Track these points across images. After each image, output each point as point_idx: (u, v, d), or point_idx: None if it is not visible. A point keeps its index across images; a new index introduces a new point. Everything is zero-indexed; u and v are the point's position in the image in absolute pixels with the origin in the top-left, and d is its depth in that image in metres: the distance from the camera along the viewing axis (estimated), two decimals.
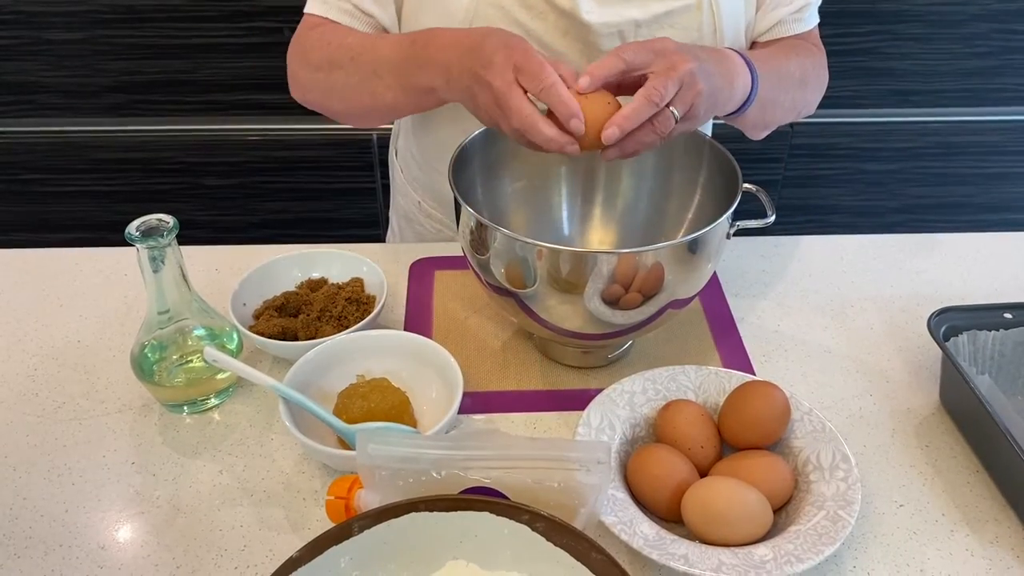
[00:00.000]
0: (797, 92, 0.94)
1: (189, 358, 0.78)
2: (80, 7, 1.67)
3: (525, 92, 0.71)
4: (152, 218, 0.72)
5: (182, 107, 1.81)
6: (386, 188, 1.89)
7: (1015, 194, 2.02)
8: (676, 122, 0.72)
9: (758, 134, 0.95)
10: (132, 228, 0.71)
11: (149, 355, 0.76)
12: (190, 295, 0.76)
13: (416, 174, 1.08)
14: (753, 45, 0.97)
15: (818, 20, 0.98)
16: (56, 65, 1.74)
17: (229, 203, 1.92)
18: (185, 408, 0.78)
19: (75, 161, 1.84)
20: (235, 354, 0.78)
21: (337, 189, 1.91)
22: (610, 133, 0.70)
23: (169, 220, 0.72)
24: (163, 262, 0.72)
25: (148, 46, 1.73)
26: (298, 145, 1.85)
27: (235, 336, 0.80)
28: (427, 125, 1.01)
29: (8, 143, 1.82)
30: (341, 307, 0.83)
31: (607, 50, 0.86)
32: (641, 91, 0.70)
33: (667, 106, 0.71)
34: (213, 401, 0.78)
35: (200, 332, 0.78)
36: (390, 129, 1.83)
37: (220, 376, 0.77)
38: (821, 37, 1.01)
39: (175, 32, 1.71)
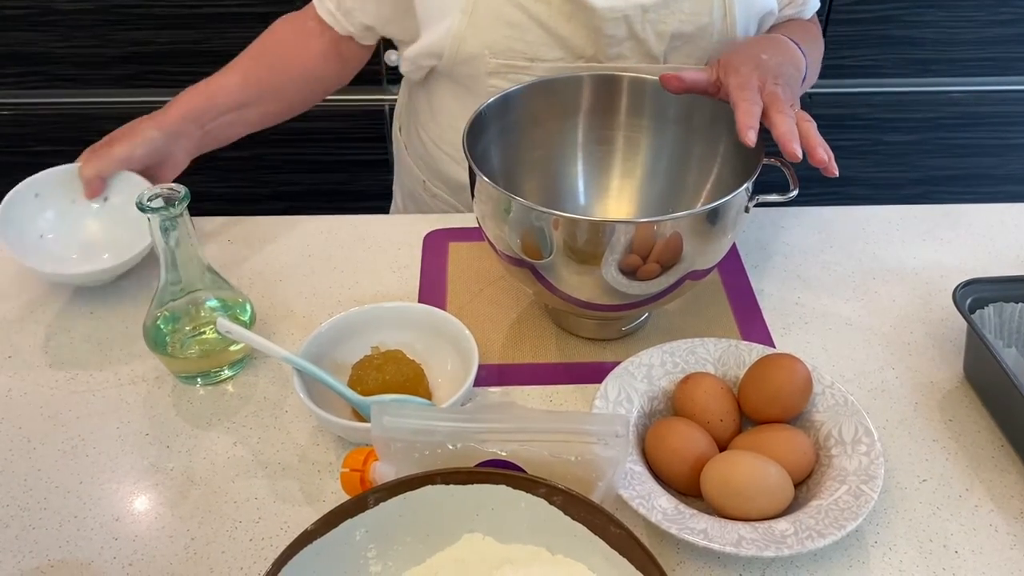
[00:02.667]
0: (813, 75, 0.96)
1: (202, 329, 0.77)
2: None
3: None
4: (164, 187, 0.71)
5: (194, 78, 1.78)
6: None
7: None
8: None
9: None
10: (143, 197, 0.70)
11: (162, 327, 0.76)
12: (203, 266, 0.75)
13: (420, 153, 1.06)
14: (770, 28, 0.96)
15: (819, 4, 1.01)
16: (66, 36, 1.73)
17: (241, 175, 1.91)
18: (199, 380, 0.77)
19: (86, 132, 1.81)
20: (248, 325, 0.78)
21: (350, 161, 1.90)
22: (820, 155, 0.72)
23: (180, 189, 0.71)
24: (175, 232, 0.71)
25: (159, 16, 1.71)
26: (311, 117, 1.81)
27: (248, 307, 0.79)
28: (432, 104, 0.99)
29: (19, 114, 1.81)
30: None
31: (612, 35, 0.86)
32: (776, 113, 0.73)
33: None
34: (227, 373, 0.78)
35: (213, 303, 0.77)
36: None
37: (233, 348, 0.77)
38: (840, 7, 1.02)
39: (186, 2, 1.70)
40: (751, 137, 0.72)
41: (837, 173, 0.72)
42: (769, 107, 0.73)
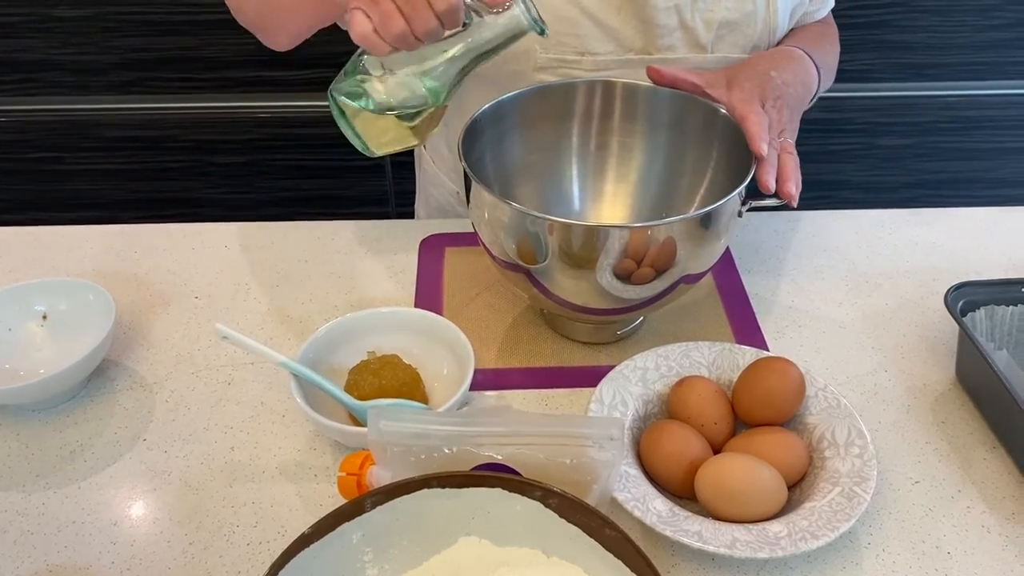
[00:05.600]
0: (827, 83, 0.97)
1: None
2: None
3: None
4: None
5: (191, 84, 1.80)
6: (396, 165, 1.90)
7: None
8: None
9: None
10: None
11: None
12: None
13: (452, 164, 1.06)
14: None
15: (834, 3, 1.01)
16: (64, 43, 1.73)
17: (239, 180, 1.92)
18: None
19: (84, 139, 1.84)
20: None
21: (346, 167, 1.90)
22: (790, 189, 0.76)
23: None
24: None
25: (157, 23, 1.71)
26: (307, 122, 1.84)
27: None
28: (464, 112, 1.00)
29: (18, 121, 1.81)
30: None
31: (664, 25, 0.87)
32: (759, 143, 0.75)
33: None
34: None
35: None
36: None
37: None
38: (834, 11, 1.02)
39: (184, 8, 1.70)
40: (763, 148, 0.74)
41: (795, 205, 0.77)
42: None
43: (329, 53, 1.73)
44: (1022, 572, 0.64)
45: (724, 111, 0.80)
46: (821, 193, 1.99)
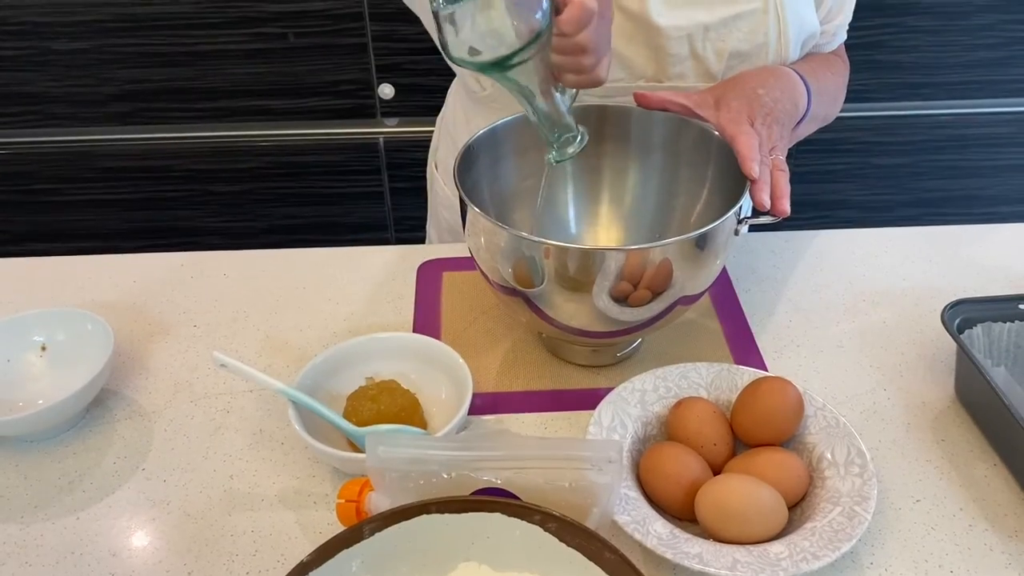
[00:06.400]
0: (830, 108, 0.98)
1: None
2: (85, 17, 1.69)
3: None
4: None
5: (189, 114, 1.82)
6: (393, 192, 1.91)
7: None
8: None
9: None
10: None
11: None
12: None
13: None
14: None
15: (846, 37, 1.02)
16: (63, 75, 1.75)
17: (237, 209, 1.93)
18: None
19: (84, 170, 1.85)
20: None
21: (344, 193, 1.92)
22: (784, 206, 0.75)
23: None
24: None
25: (154, 54, 1.74)
26: (305, 150, 1.86)
27: None
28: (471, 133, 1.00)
29: (18, 153, 1.83)
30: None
31: (675, 54, 0.88)
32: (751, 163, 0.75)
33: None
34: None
35: None
36: (396, 132, 1.85)
37: None
38: None
39: (181, 39, 1.72)
40: (755, 169, 0.74)
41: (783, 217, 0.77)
42: None
43: (326, 82, 1.76)
44: None
45: (716, 132, 0.81)
46: (821, 213, 2.00)
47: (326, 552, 0.56)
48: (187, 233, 1.92)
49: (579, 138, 0.73)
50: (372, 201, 1.93)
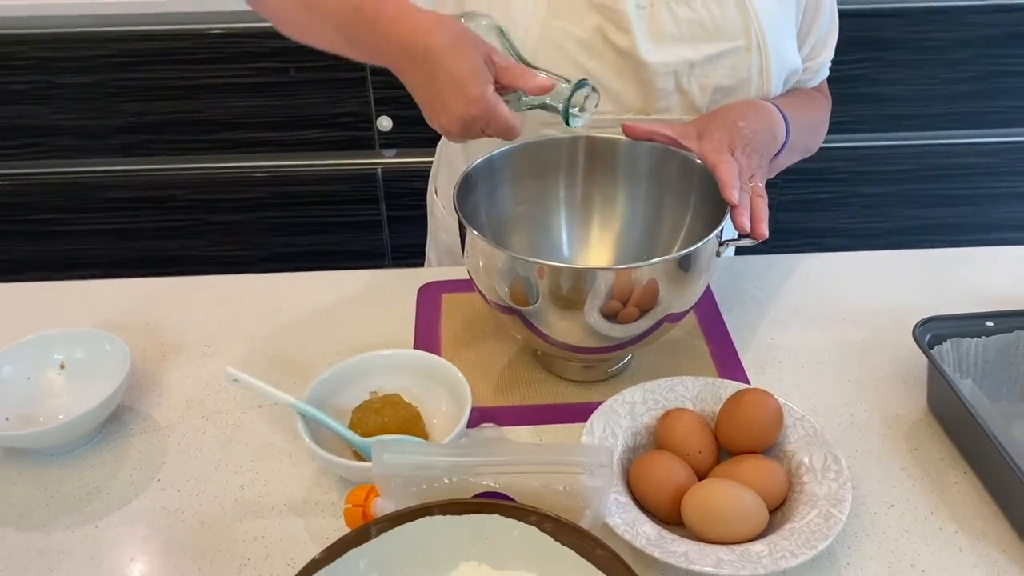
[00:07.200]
0: (810, 140, 1.04)
1: None
2: (91, 52, 1.74)
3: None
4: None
5: (191, 146, 1.86)
6: (391, 221, 1.95)
7: (1008, 214, 2.06)
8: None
9: (768, 175, 1.00)
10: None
11: None
12: None
13: None
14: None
15: (828, 73, 1.07)
16: (69, 108, 1.80)
17: (238, 238, 1.97)
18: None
19: (88, 200, 1.90)
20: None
21: (342, 223, 1.96)
22: (763, 229, 0.81)
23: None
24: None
25: (157, 87, 1.78)
26: (303, 180, 1.90)
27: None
28: (472, 161, 1.05)
29: (24, 184, 1.87)
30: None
31: (661, 88, 0.93)
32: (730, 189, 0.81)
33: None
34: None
35: None
36: (394, 163, 1.90)
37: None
38: None
39: (183, 74, 1.77)
40: (735, 195, 0.79)
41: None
42: None
43: (323, 114, 1.81)
44: None
45: (698, 161, 0.86)
46: (808, 240, 2.05)
47: (336, 551, 0.60)
48: (187, 262, 1.96)
49: (586, 95, 0.81)
50: (369, 230, 1.97)
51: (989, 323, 0.82)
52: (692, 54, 0.92)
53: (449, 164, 1.13)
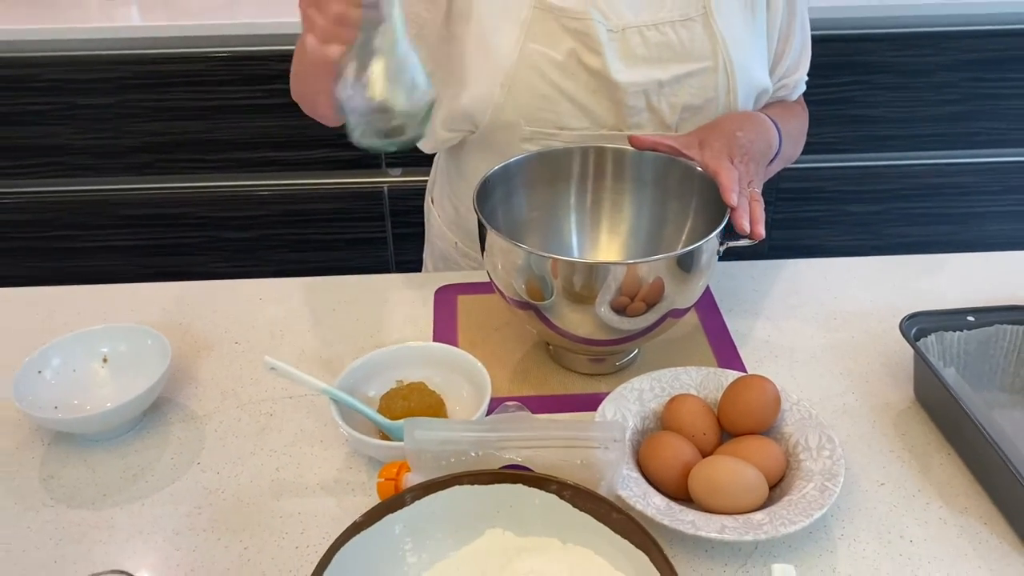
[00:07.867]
0: (794, 148, 1.11)
1: None
2: (107, 75, 1.80)
3: None
4: None
5: (203, 165, 1.91)
6: (396, 238, 2.01)
7: (992, 231, 2.12)
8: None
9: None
10: None
11: None
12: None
13: (453, 217, 1.18)
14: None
15: (805, 88, 1.15)
16: (86, 128, 1.85)
17: (247, 255, 2.02)
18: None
19: (103, 218, 1.95)
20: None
21: (349, 239, 2.01)
22: (759, 230, 0.87)
23: None
24: None
25: (171, 108, 1.84)
26: (312, 199, 1.95)
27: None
28: (463, 172, 1.11)
29: (42, 202, 1.93)
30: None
31: (632, 106, 1.00)
32: (731, 193, 0.87)
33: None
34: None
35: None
36: (399, 181, 1.95)
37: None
38: None
39: (196, 95, 1.83)
40: (734, 199, 0.85)
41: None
42: None
43: (330, 134, 1.86)
44: (974, 555, 0.73)
45: (699, 169, 0.92)
46: (800, 257, 2.10)
47: (374, 515, 0.65)
48: (199, 277, 1.98)
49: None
50: (375, 247, 2.02)
51: (971, 318, 0.89)
52: (661, 74, 0.99)
53: (444, 174, 1.20)
